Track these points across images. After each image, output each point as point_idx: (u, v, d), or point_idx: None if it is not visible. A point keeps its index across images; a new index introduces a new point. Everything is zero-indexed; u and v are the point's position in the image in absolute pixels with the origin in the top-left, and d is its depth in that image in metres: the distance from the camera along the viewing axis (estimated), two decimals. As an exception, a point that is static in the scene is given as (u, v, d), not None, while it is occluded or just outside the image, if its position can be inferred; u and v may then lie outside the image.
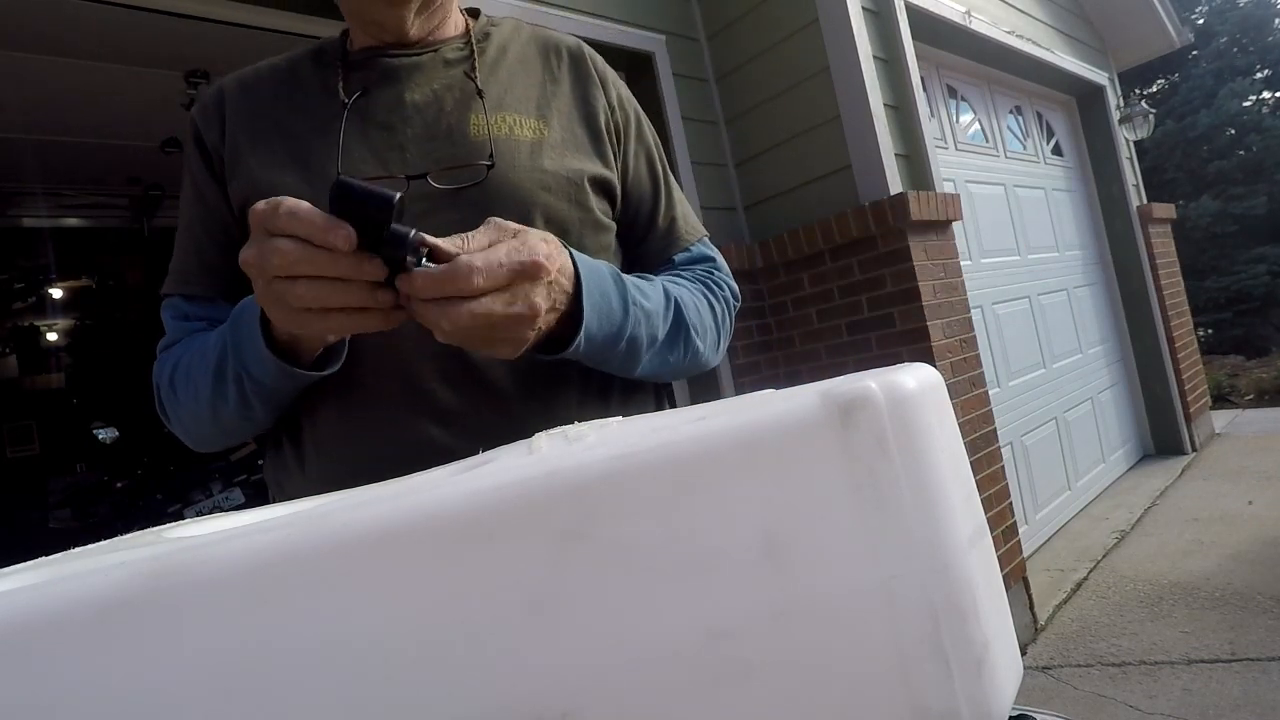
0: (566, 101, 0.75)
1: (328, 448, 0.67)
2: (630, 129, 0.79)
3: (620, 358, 0.65)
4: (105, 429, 5.64)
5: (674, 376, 0.76)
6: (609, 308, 0.61)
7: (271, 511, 0.36)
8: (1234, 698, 2.00)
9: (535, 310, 0.52)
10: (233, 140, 0.71)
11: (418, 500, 0.25)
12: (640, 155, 0.80)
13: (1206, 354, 7.11)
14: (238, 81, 0.75)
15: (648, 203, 0.79)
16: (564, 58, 0.78)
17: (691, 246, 0.81)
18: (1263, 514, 3.28)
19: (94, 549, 0.36)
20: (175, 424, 0.72)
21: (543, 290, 0.53)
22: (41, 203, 5.02)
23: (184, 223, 0.76)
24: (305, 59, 0.76)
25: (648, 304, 0.66)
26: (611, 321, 0.61)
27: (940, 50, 3.42)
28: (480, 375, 0.65)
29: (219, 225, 0.72)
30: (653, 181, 0.80)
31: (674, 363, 0.71)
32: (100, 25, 2.71)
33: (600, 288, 0.60)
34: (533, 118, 0.72)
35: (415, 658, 0.24)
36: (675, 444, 0.26)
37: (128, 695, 0.23)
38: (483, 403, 0.65)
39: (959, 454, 0.29)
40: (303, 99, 0.72)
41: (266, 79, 0.74)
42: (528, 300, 0.51)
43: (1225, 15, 11.81)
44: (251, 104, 0.72)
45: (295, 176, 0.67)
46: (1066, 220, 4.36)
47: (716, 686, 0.24)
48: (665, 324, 0.69)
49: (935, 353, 2.40)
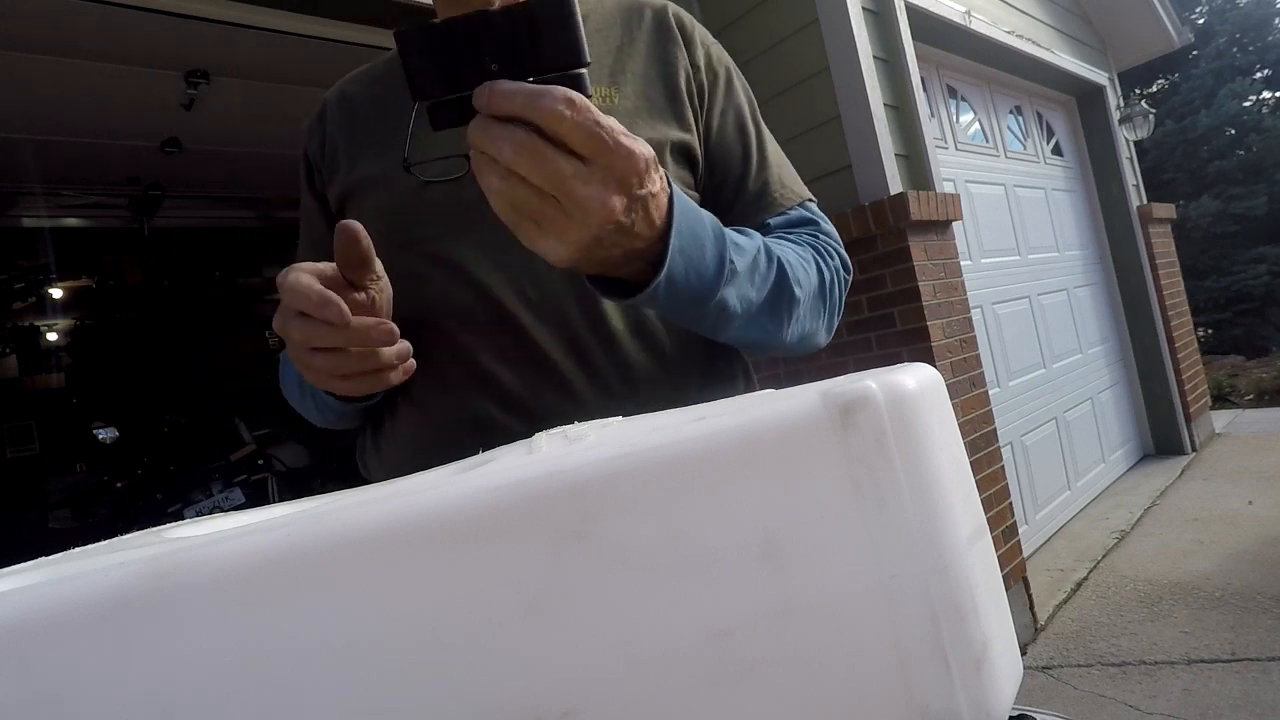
0: (642, 63, 0.72)
1: (401, 430, 0.69)
2: (718, 88, 0.74)
3: (709, 319, 0.56)
4: (105, 429, 5.64)
5: (775, 350, 0.67)
6: (700, 254, 0.52)
7: (271, 511, 0.36)
8: (1234, 698, 2.00)
9: (608, 207, 0.42)
10: (331, 146, 0.74)
11: (417, 500, 0.25)
12: (728, 115, 0.74)
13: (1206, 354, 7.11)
14: (337, 90, 0.78)
15: (736, 166, 0.73)
16: (645, 18, 0.74)
17: (790, 210, 0.73)
18: (1263, 514, 3.28)
19: (94, 549, 0.36)
20: (299, 411, 0.79)
21: (625, 195, 0.43)
22: (41, 203, 5.02)
23: (300, 237, 0.81)
24: (397, 54, 0.77)
25: (743, 260, 0.57)
26: (702, 272, 0.52)
27: (940, 50, 3.42)
28: (538, 355, 0.64)
29: (319, 237, 0.76)
30: (742, 143, 0.74)
31: (774, 333, 0.63)
32: (100, 25, 2.71)
33: (693, 229, 0.51)
34: (602, 84, 0.69)
35: (415, 658, 0.24)
36: (675, 444, 0.26)
37: (128, 696, 0.23)
38: (542, 385, 0.64)
39: (959, 454, 0.29)
40: (390, 90, 0.73)
41: (363, 79, 0.77)
42: (605, 188, 0.41)
43: (1225, 15, 11.80)
44: (347, 108, 0.75)
45: (377, 168, 0.69)
46: (1066, 220, 4.36)
47: (716, 686, 0.24)
48: (765, 286, 0.60)
49: (935, 353, 2.40)
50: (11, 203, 5.00)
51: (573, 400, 0.63)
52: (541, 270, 0.64)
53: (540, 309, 0.64)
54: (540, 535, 0.25)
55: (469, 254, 0.64)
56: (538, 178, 0.40)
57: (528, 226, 0.42)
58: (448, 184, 0.65)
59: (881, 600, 0.25)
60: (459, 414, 0.64)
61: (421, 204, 0.66)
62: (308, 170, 0.77)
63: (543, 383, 0.64)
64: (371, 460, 0.74)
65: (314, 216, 0.77)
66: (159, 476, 4.96)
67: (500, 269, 0.64)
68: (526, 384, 0.64)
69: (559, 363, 0.64)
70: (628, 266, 0.48)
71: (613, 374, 0.65)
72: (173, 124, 3.87)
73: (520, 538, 0.25)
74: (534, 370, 0.64)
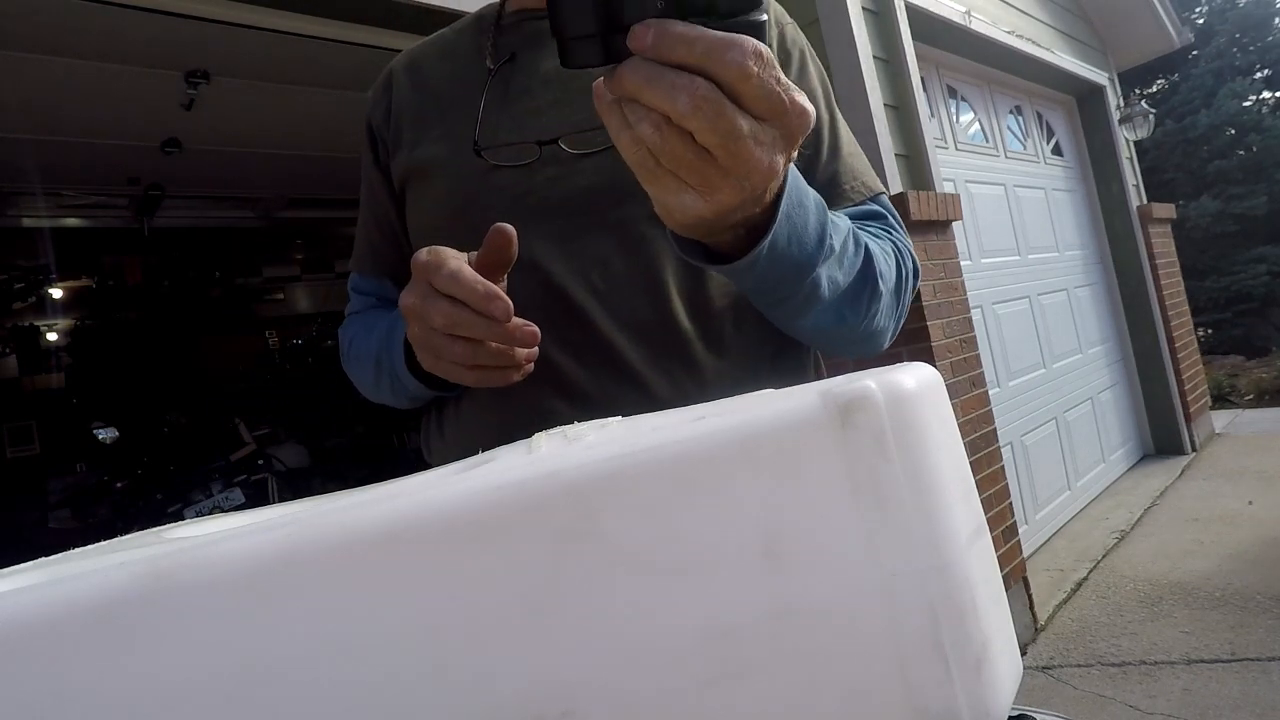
0: None
1: (464, 415, 0.69)
2: (789, 70, 0.70)
3: (798, 298, 0.53)
4: (105, 429, 5.64)
5: (840, 345, 0.64)
6: (804, 223, 0.48)
7: (271, 511, 0.36)
8: (1234, 698, 2.00)
9: (773, 169, 0.38)
10: (396, 119, 0.72)
11: (417, 500, 0.25)
12: None
13: (1206, 354, 7.11)
14: (406, 58, 0.76)
15: (804, 153, 0.68)
16: None
17: (861, 204, 0.69)
18: (1263, 514, 3.28)
19: (94, 549, 0.36)
20: (358, 386, 0.78)
21: (788, 157, 0.39)
22: (41, 203, 5.02)
23: (361, 206, 0.80)
24: (469, 26, 0.75)
25: (839, 238, 0.54)
26: (803, 244, 0.48)
27: (940, 50, 3.42)
28: (604, 345, 0.63)
29: (382, 211, 0.75)
30: (813, 131, 0.68)
31: (851, 324, 0.60)
32: (100, 25, 2.71)
33: (800, 199, 0.47)
34: None
35: (414, 658, 0.24)
36: (674, 443, 0.26)
37: (127, 696, 0.23)
38: (608, 375, 0.62)
39: (958, 453, 0.29)
40: (460, 68, 0.72)
41: (431, 52, 0.75)
42: (774, 149, 0.37)
43: (1225, 15, 11.80)
44: (415, 79, 0.73)
45: (445, 150, 0.68)
46: (1066, 220, 4.36)
47: (716, 686, 0.25)
48: (852, 272, 0.56)
49: (935, 353, 2.40)
50: (11, 203, 5.00)
51: (637, 390, 0.62)
52: (609, 259, 0.63)
53: (608, 299, 0.63)
54: (540, 535, 0.25)
55: (536, 243, 0.63)
56: (711, 136, 0.35)
57: (667, 179, 0.38)
58: (516, 170, 0.65)
59: (881, 600, 0.25)
60: (523, 401, 0.63)
61: (489, 189, 0.65)
62: (371, 141, 0.75)
63: (609, 373, 0.63)
64: (435, 443, 0.74)
65: (378, 190, 0.76)
66: (159, 476, 4.96)
67: (568, 259, 0.63)
68: (591, 374, 0.63)
69: (625, 353, 0.63)
70: (729, 233, 0.44)
71: (679, 366, 0.63)
72: (173, 124, 3.87)
73: (520, 538, 0.25)
74: (600, 361, 0.63)
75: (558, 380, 0.63)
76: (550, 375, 0.62)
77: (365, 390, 0.76)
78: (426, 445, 0.77)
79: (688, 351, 0.64)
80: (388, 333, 0.68)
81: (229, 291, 7.24)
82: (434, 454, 0.75)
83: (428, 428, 0.76)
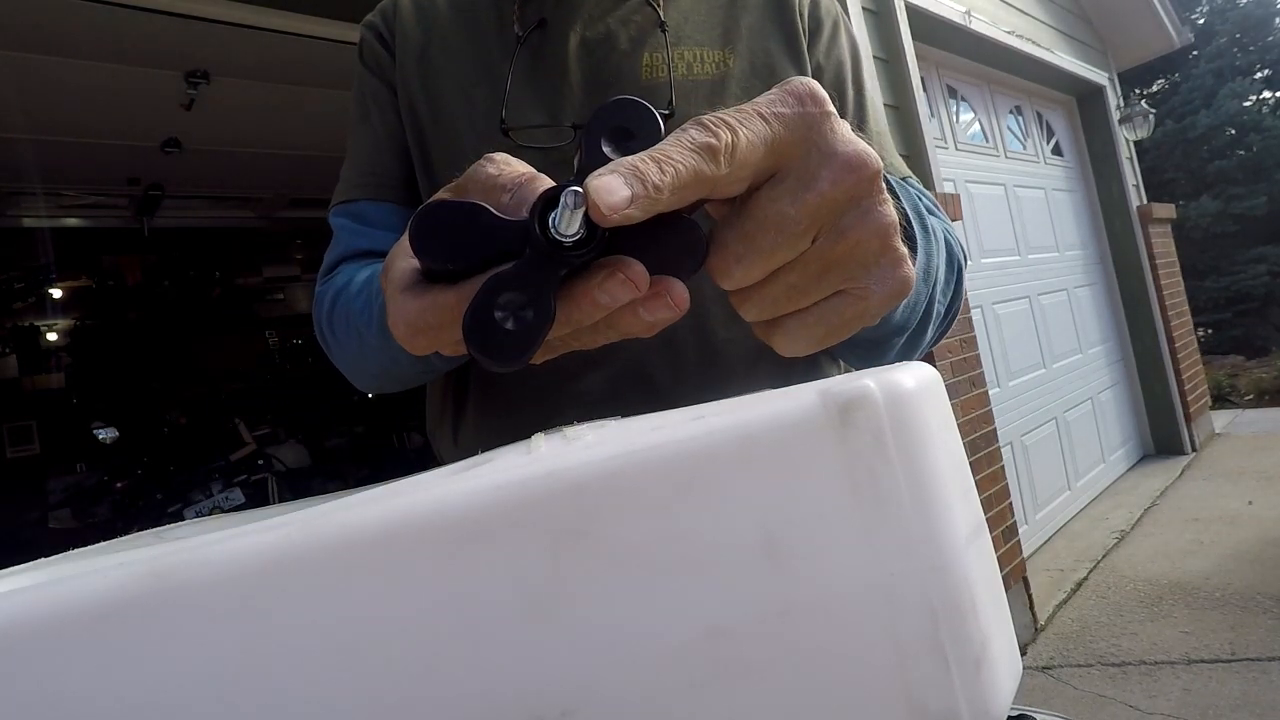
0: (756, 15, 0.65)
1: (483, 418, 0.65)
2: (820, 38, 0.66)
3: (919, 313, 0.48)
4: (105, 429, 5.64)
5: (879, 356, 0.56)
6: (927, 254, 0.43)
7: (271, 511, 0.37)
8: (1234, 698, 2.00)
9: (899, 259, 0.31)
10: (402, 59, 0.66)
11: (416, 500, 0.25)
12: (825, 71, 0.65)
13: (1206, 354, 7.10)
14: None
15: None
16: None
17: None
18: (1263, 514, 3.28)
19: (94, 549, 0.36)
20: (337, 363, 0.66)
21: (884, 205, 0.30)
22: (41, 203, 5.02)
23: (355, 131, 0.70)
24: None
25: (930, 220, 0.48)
26: (926, 254, 0.43)
27: (940, 50, 3.42)
28: (623, 353, 0.59)
29: (394, 128, 0.67)
30: (839, 102, 0.65)
31: (943, 329, 0.55)
32: (100, 25, 2.71)
33: (914, 206, 0.42)
34: (716, 48, 0.63)
35: (414, 658, 0.24)
36: (673, 443, 0.26)
37: (127, 697, 0.23)
38: (626, 385, 0.59)
39: (958, 453, 0.29)
40: (478, 28, 0.65)
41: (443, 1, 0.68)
42: (868, 229, 0.29)
43: (1225, 15, 11.80)
44: (426, 23, 0.66)
45: (462, 119, 0.62)
46: (1066, 220, 4.36)
47: (715, 685, 0.25)
48: (943, 260, 0.51)
49: (935, 352, 2.40)
50: (11, 203, 5.00)
51: (656, 398, 0.59)
52: None
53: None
54: (540, 535, 0.25)
55: None
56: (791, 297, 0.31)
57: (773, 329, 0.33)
58: (546, 153, 0.59)
59: (880, 599, 0.25)
60: (537, 405, 0.60)
61: None
62: (376, 49, 0.67)
63: (629, 380, 0.60)
64: (445, 441, 0.70)
65: (384, 103, 0.67)
66: (159, 476, 4.96)
67: None
68: (607, 379, 0.60)
69: (647, 360, 0.59)
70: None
71: (702, 374, 0.60)
72: (173, 124, 3.87)
73: (520, 538, 0.25)
74: (622, 366, 0.60)
75: (573, 391, 0.60)
76: (567, 386, 0.60)
77: (356, 373, 0.64)
78: (437, 446, 0.74)
79: (716, 360, 0.60)
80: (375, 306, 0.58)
81: (229, 291, 7.24)
82: (444, 452, 0.72)
83: (437, 424, 0.72)
